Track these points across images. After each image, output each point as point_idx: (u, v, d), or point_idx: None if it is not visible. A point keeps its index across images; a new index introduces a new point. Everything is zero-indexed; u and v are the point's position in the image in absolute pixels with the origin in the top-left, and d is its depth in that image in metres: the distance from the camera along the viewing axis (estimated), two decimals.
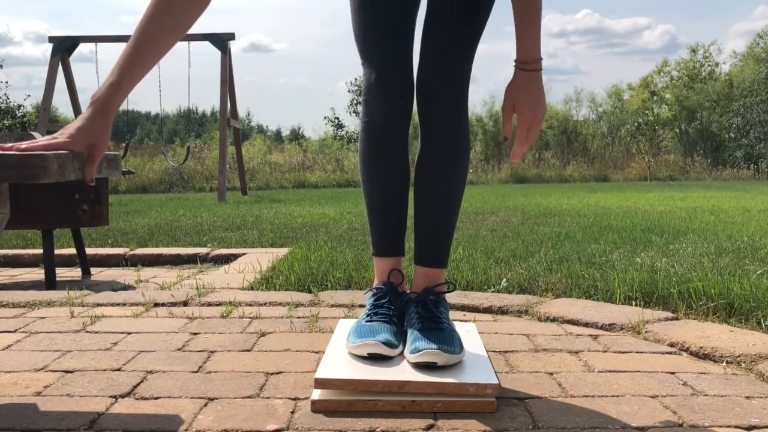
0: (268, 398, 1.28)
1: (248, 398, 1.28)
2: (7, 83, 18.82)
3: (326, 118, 27.96)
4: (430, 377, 1.23)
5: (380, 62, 1.46)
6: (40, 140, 1.20)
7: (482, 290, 2.39)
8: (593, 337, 1.74)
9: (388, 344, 1.32)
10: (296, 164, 19.12)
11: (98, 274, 3.26)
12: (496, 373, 1.33)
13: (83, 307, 2.14)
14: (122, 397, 1.29)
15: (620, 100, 27.90)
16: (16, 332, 1.80)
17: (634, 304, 2.13)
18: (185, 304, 2.17)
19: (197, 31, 9.94)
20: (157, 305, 2.15)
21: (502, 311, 2.04)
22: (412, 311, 1.42)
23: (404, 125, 1.49)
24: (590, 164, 21.02)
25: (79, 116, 1.25)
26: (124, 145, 11.59)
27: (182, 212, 6.71)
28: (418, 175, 1.50)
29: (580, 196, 9.60)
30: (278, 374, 1.42)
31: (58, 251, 3.44)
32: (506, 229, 4.53)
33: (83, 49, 14.48)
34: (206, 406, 1.24)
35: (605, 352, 1.60)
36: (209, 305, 2.14)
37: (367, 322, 1.40)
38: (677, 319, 1.88)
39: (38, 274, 3.23)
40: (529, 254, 3.14)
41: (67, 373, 1.44)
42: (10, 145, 1.16)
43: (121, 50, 1.26)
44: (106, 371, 1.45)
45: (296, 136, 43.42)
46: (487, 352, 1.44)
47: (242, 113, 31.55)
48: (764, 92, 22.62)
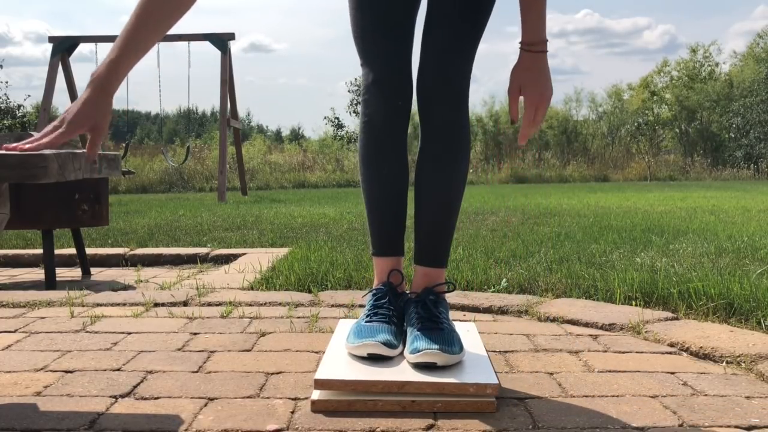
0: (268, 398, 1.28)
1: (248, 398, 1.28)
2: (7, 83, 18.81)
3: (326, 118, 27.97)
4: (430, 377, 1.23)
5: (379, 63, 1.46)
6: (41, 136, 1.18)
7: (482, 290, 2.39)
8: (593, 337, 1.74)
9: (387, 344, 1.32)
10: (296, 164, 19.12)
11: (98, 274, 3.26)
12: (496, 373, 1.33)
13: (83, 307, 2.14)
14: (122, 397, 1.29)
15: (620, 100, 27.89)
16: (16, 332, 1.80)
17: (634, 304, 2.13)
18: (185, 304, 2.17)
19: (197, 31, 9.96)
20: (157, 305, 2.15)
21: (502, 311, 2.04)
22: (411, 311, 1.42)
23: (403, 125, 1.49)
24: (590, 164, 21.02)
25: (78, 97, 1.22)
26: (124, 145, 11.60)
27: (182, 212, 6.71)
28: (418, 175, 1.50)
29: (580, 196, 9.60)
30: (278, 374, 1.42)
31: (58, 251, 3.44)
32: (506, 229, 4.53)
33: (83, 49, 14.48)
34: (206, 406, 1.24)
35: (605, 352, 1.60)
36: (209, 305, 2.14)
37: (366, 322, 1.40)
38: (677, 319, 1.88)
39: (38, 274, 3.23)
40: (529, 254, 3.14)
41: (67, 373, 1.44)
42: (14, 145, 1.16)
43: None
44: (106, 371, 1.45)
45: (296, 136, 43.39)
46: (487, 352, 1.44)
47: (242, 113, 31.55)
48: (764, 92, 22.62)
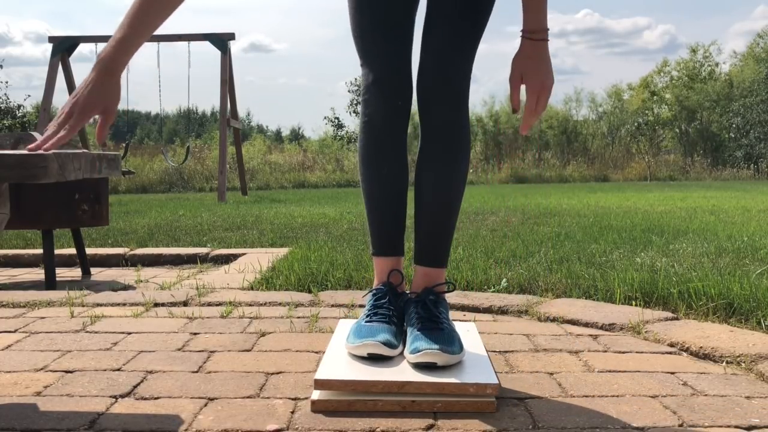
0: (268, 398, 1.28)
1: (248, 398, 1.28)
2: (7, 83, 18.78)
3: (326, 118, 27.96)
4: (430, 377, 1.23)
5: (379, 63, 1.46)
6: (57, 129, 1.16)
7: (482, 290, 2.39)
8: (593, 337, 1.74)
9: (387, 344, 1.32)
10: (296, 164, 19.11)
11: (98, 274, 3.26)
12: (496, 373, 1.33)
13: (83, 307, 2.14)
14: (122, 397, 1.29)
15: (620, 100, 27.86)
16: (16, 332, 1.80)
17: (634, 304, 2.13)
18: (185, 304, 2.17)
19: (197, 31, 9.96)
20: (157, 305, 2.15)
21: (502, 311, 2.04)
22: (411, 311, 1.42)
23: (403, 125, 1.49)
24: (590, 164, 21.01)
25: (83, 81, 1.20)
26: (124, 145, 11.59)
27: (182, 212, 6.71)
28: (418, 174, 1.50)
29: (580, 196, 9.60)
30: (278, 374, 1.42)
31: (58, 251, 3.44)
32: (506, 229, 4.52)
33: (83, 49, 14.46)
34: (206, 406, 1.24)
35: (605, 352, 1.60)
36: (209, 305, 2.14)
37: (366, 322, 1.40)
38: (677, 319, 1.88)
39: (38, 274, 3.23)
40: (529, 254, 3.14)
41: (67, 373, 1.44)
42: (35, 144, 1.14)
43: None
44: (106, 371, 1.45)
45: (296, 136, 43.39)
46: (487, 352, 1.44)
47: (242, 113, 31.55)
48: (764, 92, 22.61)
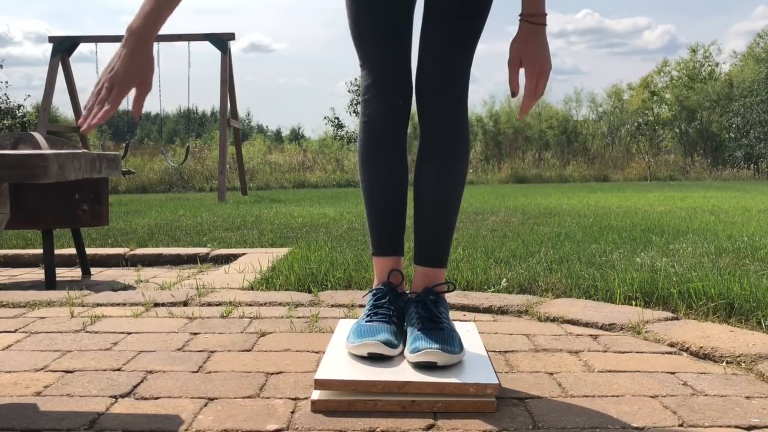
0: (268, 398, 1.28)
1: (248, 398, 1.28)
2: (7, 83, 18.77)
3: (326, 118, 27.95)
4: (430, 377, 1.23)
5: (379, 63, 1.46)
6: (101, 104, 1.16)
7: (482, 290, 2.39)
8: (593, 337, 1.74)
9: (388, 344, 1.32)
10: (296, 164, 19.11)
11: (98, 274, 3.26)
12: (496, 373, 1.33)
13: (83, 307, 2.14)
14: (122, 397, 1.29)
15: (620, 100, 27.85)
16: (16, 332, 1.80)
17: (634, 304, 2.13)
18: (185, 304, 2.17)
19: (197, 31, 9.96)
20: (157, 305, 2.15)
21: (502, 311, 2.04)
22: (412, 311, 1.42)
23: (403, 125, 1.49)
24: (590, 164, 21.00)
25: (116, 55, 1.20)
26: (124, 145, 11.59)
27: (182, 212, 6.71)
28: (417, 174, 1.50)
29: (580, 196, 9.60)
30: (278, 374, 1.42)
31: (58, 251, 3.44)
32: (506, 229, 4.52)
33: (83, 49, 14.48)
34: (206, 406, 1.24)
35: (605, 352, 1.60)
36: (209, 305, 2.14)
37: (367, 322, 1.40)
38: (677, 319, 1.88)
39: (38, 274, 3.23)
40: (529, 254, 3.14)
41: (67, 373, 1.44)
42: (82, 119, 1.14)
43: None
44: (106, 371, 1.45)
45: (296, 136, 43.36)
46: (487, 352, 1.44)
47: (242, 113, 31.54)
48: (764, 92, 22.60)
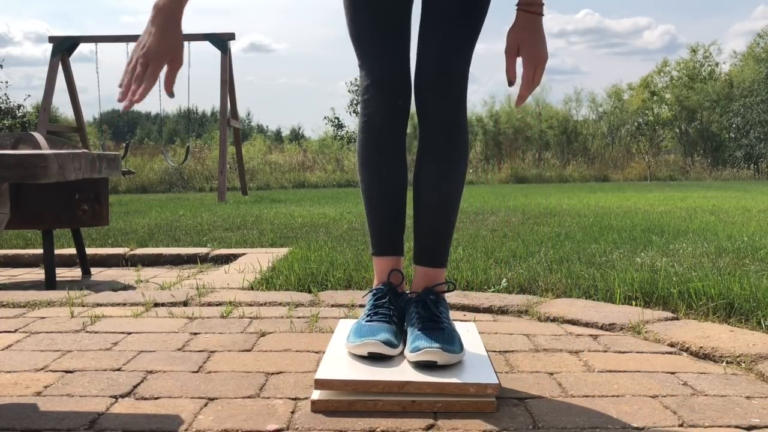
0: (268, 398, 1.28)
1: (248, 398, 1.28)
2: (7, 83, 18.75)
3: (326, 118, 27.92)
4: (430, 377, 1.23)
5: (378, 63, 1.46)
6: (138, 81, 1.17)
7: (482, 290, 2.39)
8: (593, 337, 1.74)
9: (388, 344, 1.32)
10: (296, 164, 19.11)
11: (98, 274, 3.26)
12: (496, 373, 1.33)
13: (83, 307, 2.14)
14: (122, 397, 1.29)
15: (620, 100, 27.85)
16: (16, 332, 1.80)
17: (634, 304, 2.13)
18: (185, 304, 2.17)
19: (197, 31, 9.95)
20: (157, 305, 2.15)
21: (502, 311, 2.04)
22: (412, 311, 1.42)
23: (402, 125, 1.49)
24: (590, 164, 21.00)
25: (145, 32, 1.21)
26: (124, 145, 11.58)
27: (182, 212, 6.71)
28: (417, 174, 1.50)
29: (580, 196, 9.60)
30: (278, 374, 1.42)
31: (58, 251, 3.44)
32: (506, 229, 4.52)
33: (83, 49, 14.48)
34: (206, 406, 1.24)
35: (605, 352, 1.60)
36: (209, 305, 2.14)
37: (367, 322, 1.40)
38: (677, 319, 1.88)
39: (38, 274, 3.23)
40: (529, 254, 3.14)
41: (67, 373, 1.44)
42: (121, 95, 1.16)
43: (121, 50, 1.24)
44: (106, 371, 1.45)
45: (296, 136, 43.34)
46: (487, 352, 1.44)
47: (242, 113, 31.53)
48: (764, 92, 22.60)
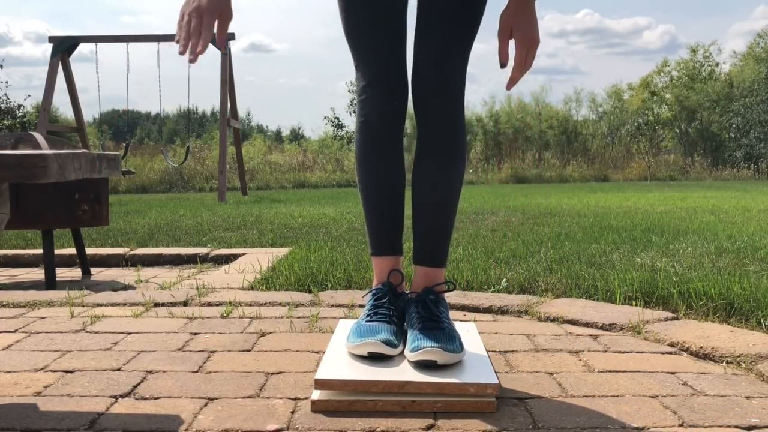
0: (268, 398, 1.28)
1: (248, 398, 1.28)
2: (7, 83, 18.72)
3: (326, 118, 27.88)
4: (430, 377, 1.23)
5: (375, 64, 1.46)
6: (187, 36, 1.26)
7: (482, 290, 2.39)
8: (593, 337, 1.74)
9: (388, 343, 1.32)
10: (296, 164, 19.10)
11: (98, 274, 3.26)
12: (496, 373, 1.33)
13: (83, 307, 2.14)
14: (122, 397, 1.29)
15: (620, 100, 27.83)
16: (16, 332, 1.80)
17: (634, 304, 2.13)
18: (185, 304, 2.17)
19: None
20: (157, 305, 2.15)
21: (502, 311, 2.04)
22: (412, 311, 1.42)
23: (399, 125, 1.49)
24: (590, 164, 20.99)
25: None
26: (124, 145, 11.58)
27: (182, 212, 6.71)
28: (415, 174, 1.50)
29: (580, 196, 9.60)
30: (278, 374, 1.42)
31: (58, 251, 3.44)
32: (506, 229, 4.52)
33: (83, 49, 14.48)
34: (206, 406, 1.24)
35: (605, 352, 1.60)
36: (209, 305, 2.14)
37: (367, 322, 1.40)
38: (677, 319, 1.88)
39: (38, 274, 3.23)
40: (529, 254, 3.14)
41: (67, 373, 1.44)
42: (182, 47, 1.27)
43: (121, 50, 1.28)
44: (106, 371, 1.45)
45: (296, 136, 43.32)
46: (487, 352, 1.44)
47: (242, 113, 31.53)
48: (764, 92, 22.59)
